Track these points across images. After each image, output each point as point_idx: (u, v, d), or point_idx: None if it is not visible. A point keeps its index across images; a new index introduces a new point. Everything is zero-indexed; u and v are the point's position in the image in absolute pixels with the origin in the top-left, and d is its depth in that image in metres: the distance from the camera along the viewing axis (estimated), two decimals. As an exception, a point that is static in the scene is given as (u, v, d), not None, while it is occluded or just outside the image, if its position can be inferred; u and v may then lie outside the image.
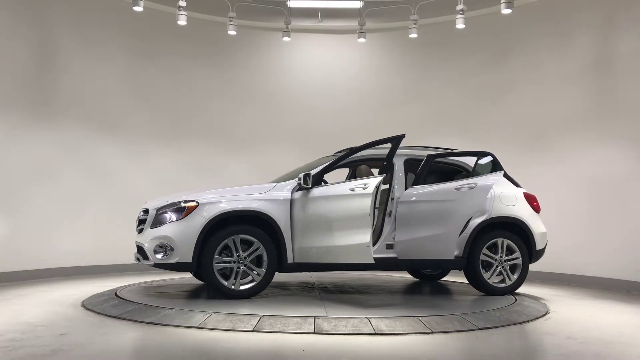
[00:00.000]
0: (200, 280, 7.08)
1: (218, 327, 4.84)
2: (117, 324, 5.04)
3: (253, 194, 5.98)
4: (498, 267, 6.57)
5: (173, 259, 5.74)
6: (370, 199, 5.51)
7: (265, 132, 10.19)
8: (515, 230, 6.67)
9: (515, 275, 6.62)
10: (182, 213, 5.78)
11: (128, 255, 7.56)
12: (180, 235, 5.71)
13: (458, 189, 6.41)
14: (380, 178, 5.70)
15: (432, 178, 7.02)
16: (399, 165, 6.57)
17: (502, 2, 8.31)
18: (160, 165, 9.56)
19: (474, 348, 4.51)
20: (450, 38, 9.86)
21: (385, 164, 6.20)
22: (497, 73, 9.62)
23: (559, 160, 8.78)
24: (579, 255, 8.28)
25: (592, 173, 8.39)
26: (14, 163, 8.04)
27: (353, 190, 5.66)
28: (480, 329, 5.03)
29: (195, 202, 5.81)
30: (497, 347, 4.58)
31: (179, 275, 7.75)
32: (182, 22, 8.89)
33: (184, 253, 5.69)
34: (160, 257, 5.80)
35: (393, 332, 4.80)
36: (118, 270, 8.79)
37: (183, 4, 8.79)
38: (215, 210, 5.76)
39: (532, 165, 8.77)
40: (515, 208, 6.67)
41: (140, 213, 6.28)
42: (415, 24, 9.31)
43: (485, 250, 6.51)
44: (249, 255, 5.84)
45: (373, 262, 5.50)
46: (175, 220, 5.77)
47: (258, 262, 5.90)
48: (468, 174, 6.87)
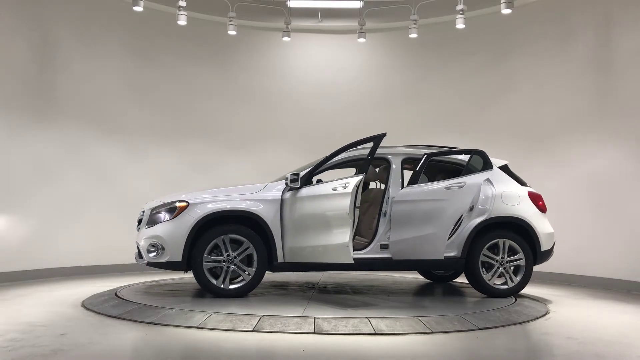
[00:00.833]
0: None
1: (218, 327, 4.84)
2: (117, 324, 5.04)
3: (243, 194, 6.07)
4: (499, 268, 6.42)
5: (164, 258, 5.88)
6: (350, 199, 5.52)
7: (266, 131, 10.19)
8: (519, 231, 6.51)
9: (518, 277, 6.45)
10: (173, 213, 5.91)
11: (128, 255, 7.57)
12: (171, 235, 5.84)
13: (448, 188, 6.20)
14: (360, 177, 5.69)
15: (433, 177, 7.00)
16: (396, 165, 6.52)
17: (502, 2, 8.31)
18: (160, 165, 9.56)
19: (474, 348, 4.50)
20: (450, 38, 9.86)
21: (364, 164, 6.05)
22: (497, 73, 9.61)
23: (559, 160, 8.78)
24: (579, 255, 8.28)
25: (592, 173, 8.39)
26: (14, 163, 8.04)
27: (335, 190, 5.68)
28: (480, 329, 5.03)
29: (186, 202, 5.94)
30: (497, 347, 4.58)
31: (180, 275, 7.74)
32: (182, 22, 8.89)
33: (174, 252, 5.82)
34: (152, 256, 5.94)
35: (393, 332, 4.80)
36: (118, 270, 8.79)
37: (183, 4, 8.79)
38: (205, 211, 5.87)
39: (532, 165, 8.77)
40: (518, 207, 6.51)
41: (141, 212, 6.39)
42: (415, 24, 9.31)
43: (486, 251, 6.38)
44: (239, 255, 5.92)
45: (352, 262, 5.54)
46: (167, 220, 5.91)
47: (249, 261, 5.97)
48: (469, 172, 6.72)
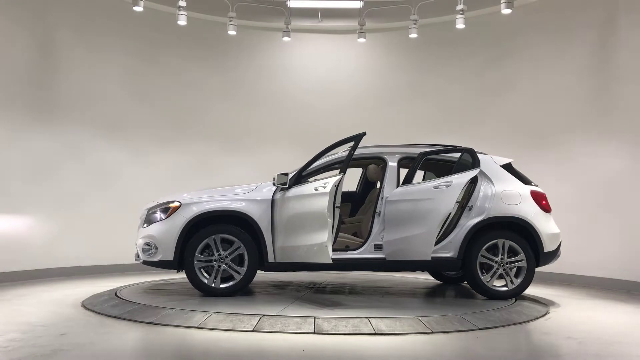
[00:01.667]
0: None
1: (218, 327, 4.84)
2: (117, 324, 5.04)
3: (235, 195, 6.19)
4: (499, 269, 6.26)
5: (157, 257, 6.04)
6: (327, 199, 5.55)
7: (266, 131, 10.19)
8: (520, 231, 6.34)
9: (519, 279, 6.27)
10: (167, 213, 6.08)
11: (128, 255, 7.57)
12: (163, 235, 6.00)
13: (436, 188, 6.02)
14: (339, 177, 5.71)
15: (439, 176, 6.95)
16: (393, 164, 6.46)
17: (502, 2, 8.30)
18: (161, 165, 9.56)
19: (474, 348, 4.51)
20: (450, 38, 9.85)
21: (343, 164, 5.97)
22: (497, 73, 9.61)
23: (559, 160, 8.78)
24: (579, 255, 8.28)
25: (592, 172, 8.39)
26: (15, 163, 8.04)
27: (316, 190, 5.71)
28: (480, 329, 5.03)
29: (178, 202, 6.09)
30: (497, 347, 4.58)
31: (180, 275, 7.74)
32: (182, 22, 8.88)
33: (166, 251, 5.97)
34: (147, 255, 6.11)
35: (393, 332, 4.81)
36: (118, 270, 8.79)
37: (183, 4, 8.79)
38: (195, 211, 6.00)
39: (532, 165, 8.75)
40: (519, 207, 6.34)
41: (141, 212, 6.48)
42: (415, 24, 9.31)
43: (485, 252, 6.24)
44: (230, 254, 5.99)
45: (331, 262, 5.57)
46: (161, 220, 6.07)
47: (240, 261, 6.04)
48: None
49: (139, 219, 6.45)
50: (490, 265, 6.29)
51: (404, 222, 6.00)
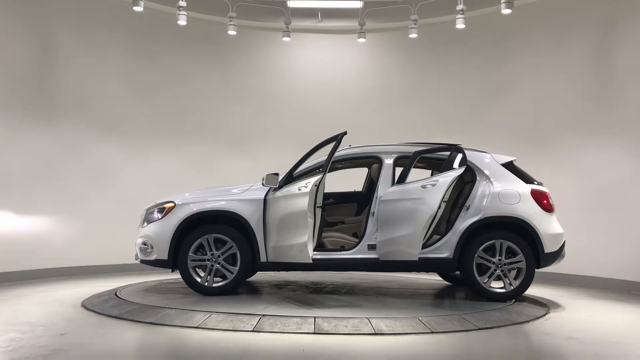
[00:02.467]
0: None
1: (218, 327, 4.85)
2: (117, 324, 5.04)
3: (229, 195, 6.27)
4: (496, 270, 6.12)
5: (152, 256, 6.18)
6: (307, 198, 5.58)
7: (266, 131, 10.18)
8: (519, 231, 6.19)
9: (518, 280, 6.13)
10: (162, 213, 6.21)
11: (128, 255, 7.57)
12: (158, 234, 6.13)
13: (424, 187, 5.90)
14: (319, 177, 5.73)
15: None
16: (388, 163, 6.42)
17: (502, 2, 8.30)
18: (161, 165, 9.56)
19: (474, 348, 4.51)
20: (450, 38, 9.85)
21: (324, 164, 5.96)
22: (497, 73, 9.61)
23: (559, 160, 8.77)
24: (579, 255, 8.27)
25: (592, 173, 8.39)
26: (14, 163, 8.03)
27: (300, 190, 5.74)
28: (480, 329, 5.03)
29: (173, 202, 6.22)
30: (497, 347, 4.58)
31: (177, 275, 7.73)
32: (182, 22, 8.88)
33: (161, 251, 6.10)
34: (143, 254, 6.25)
35: (393, 332, 4.81)
36: (118, 270, 8.78)
37: (183, 4, 8.79)
38: (188, 211, 6.12)
39: (532, 165, 8.72)
40: (517, 206, 6.18)
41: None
42: (415, 24, 9.31)
43: (481, 253, 6.11)
44: (223, 254, 6.07)
45: (311, 261, 5.63)
46: (157, 220, 6.20)
47: (233, 260, 6.11)
48: (467, 169, 6.42)
49: (139, 219, 6.53)
50: (488, 266, 6.16)
51: (395, 222, 5.94)
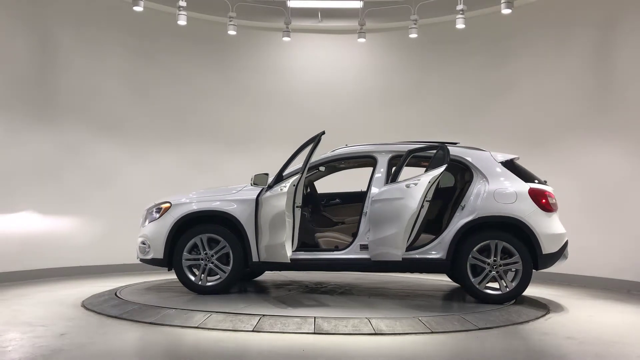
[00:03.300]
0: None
1: (218, 327, 4.85)
2: (117, 324, 5.05)
3: (222, 195, 6.35)
4: (491, 272, 5.93)
5: (149, 256, 6.32)
6: (285, 198, 5.64)
7: (266, 131, 10.18)
8: (515, 231, 6.00)
9: (514, 282, 5.93)
10: (159, 213, 6.34)
11: (128, 255, 7.57)
12: (155, 234, 6.27)
13: (408, 187, 5.73)
14: (296, 177, 5.77)
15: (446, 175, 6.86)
16: (383, 163, 6.36)
17: (502, 2, 8.29)
18: (161, 165, 9.56)
19: (474, 348, 4.51)
20: (450, 38, 9.84)
21: (303, 164, 5.98)
22: (497, 73, 9.61)
23: (559, 160, 8.77)
24: (579, 256, 8.26)
25: (592, 173, 8.38)
26: (14, 163, 8.03)
27: (281, 190, 5.80)
28: (480, 329, 5.03)
29: (169, 203, 6.35)
30: (497, 347, 4.58)
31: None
32: (182, 22, 8.88)
33: (157, 250, 6.24)
34: (142, 253, 6.41)
35: (393, 332, 4.81)
36: (118, 270, 8.78)
37: (183, 4, 8.79)
38: (182, 211, 6.23)
39: (532, 165, 8.68)
40: (513, 206, 5.99)
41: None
42: (415, 24, 9.30)
43: (476, 254, 5.94)
44: (217, 253, 6.16)
45: (289, 261, 5.71)
46: (154, 220, 6.33)
47: (227, 260, 6.18)
48: (465, 168, 6.38)
49: (141, 219, 6.63)
50: (483, 268, 5.99)
51: (383, 222, 5.85)
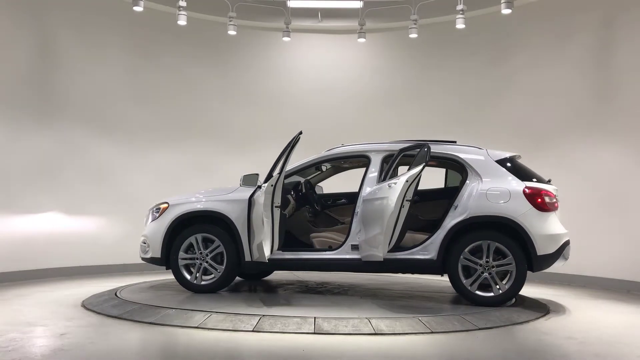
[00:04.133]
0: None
1: (218, 327, 4.85)
2: (117, 324, 5.05)
3: (217, 195, 6.41)
4: (483, 273, 5.75)
5: (148, 255, 6.45)
6: (263, 198, 5.69)
7: (266, 131, 10.17)
8: (509, 232, 5.79)
9: (508, 284, 5.74)
10: (158, 213, 6.46)
11: (128, 255, 7.58)
12: (153, 234, 6.40)
13: (390, 186, 5.63)
14: (275, 177, 5.78)
15: (454, 174, 6.79)
16: (376, 162, 6.27)
17: (502, 2, 8.29)
18: (161, 165, 9.56)
19: (474, 348, 4.51)
20: (450, 38, 9.85)
21: (280, 164, 5.93)
22: (497, 73, 9.61)
23: (559, 160, 8.76)
24: (579, 255, 8.26)
25: (592, 173, 8.38)
26: (15, 163, 8.03)
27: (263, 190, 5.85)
28: (480, 329, 5.03)
29: (167, 203, 6.46)
30: (497, 347, 4.58)
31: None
32: (182, 22, 8.88)
33: (155, 249, 6.36)
34: (142, 252, 6.55)
35: (393, 332, 4.81)
36: (118, 270, 8.78)
37: (183, 4, 8.79)
38: (178, 211, 6.32)
39: (531, 165, 8.73)
40: (506, 205, 5.79)
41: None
42: (415, 24, 9.30)
43: (467, 254, 5.77)
44: (211, 253, 6.24)
45: (267, 261, 5.77)
46: (154, 220, 6.46)
47: (221, 259, 6.25)
48: (461, 167, 6.25)
49: (145, 218, 6.75)
50: (476, 269, 5.81)
51: (369, 221, 5.81)
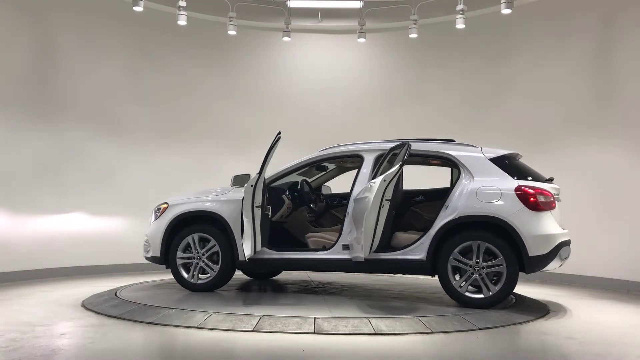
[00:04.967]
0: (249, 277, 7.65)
1: (218, 327, 4.85)
2: (117, 324, 5.05)
3: (214, 196, 6.52)
4: (473, 274, 5.62)
5: (150, 254, 6.59)
6: (244, 198, 5.80)
7: (266, 131, 10.10)
8: (499, 232, 5.63)
9: (498, 286, 5.58)
10: (159, 213, 6.59)
11: (128, 255, 7.58)
12: (153, 233, 6.53)
13: (371, 186, 5.57)
14: (255, 177, 5.86)
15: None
16: (368, 162, 6.21)
17: (502, 2, 8.29)
18: (161, 165, 9.56)
19: (474, 348, 4.51)
20: (450, 38, 9.85)
21: (262, 165, 6.01)
22: (497, 73, 9.61)
23: (559, 160, 8.76)
24: (579, 255, 8.26)
25: (592, 173, 8.38)
26: (15, 163, 8.03)
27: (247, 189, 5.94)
28: (480, 329, 5.03)
29: (167, 203, 6.58)
30: (497, 347, 4.58)
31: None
32: (182, 22, 8.89)
33: (155, 248, 6.50)
34: (144, 251, 6.70)
35: (393, 332, 4.81)
36: (118, 270, 8.77)
37: (183, 4, 8.79)
38: (176, 211, 6.43)
39: (532, 165, 8.75)
40: (496, 205, 5.63)
41: None
42: (415, 24, 9.30)
43: (457, 255, 5.65)
44: (207, 252, 6.32)
45: (246, 260, 5.90)
46: (155, 220, 6.60)
47: (217, 258, 6.33)
48: (454, 165, 6.14)
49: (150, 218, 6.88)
50: (465, 270, 5.69)
51: (355, 221, 5.81)
